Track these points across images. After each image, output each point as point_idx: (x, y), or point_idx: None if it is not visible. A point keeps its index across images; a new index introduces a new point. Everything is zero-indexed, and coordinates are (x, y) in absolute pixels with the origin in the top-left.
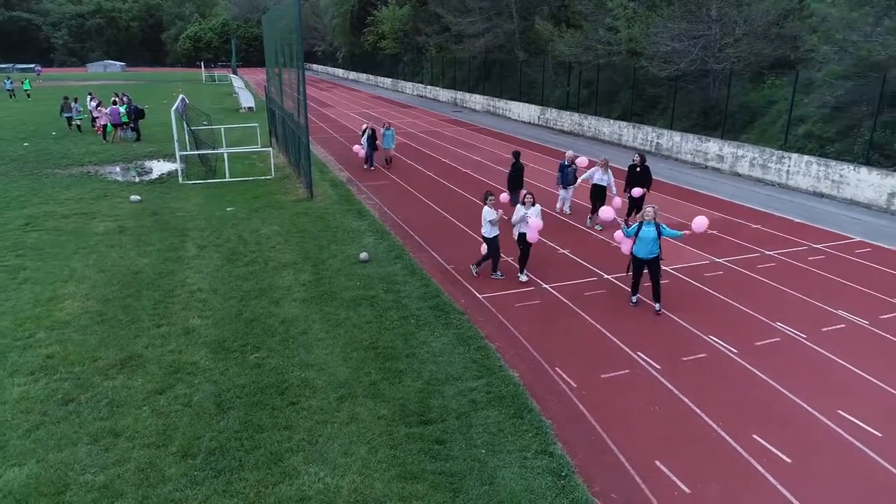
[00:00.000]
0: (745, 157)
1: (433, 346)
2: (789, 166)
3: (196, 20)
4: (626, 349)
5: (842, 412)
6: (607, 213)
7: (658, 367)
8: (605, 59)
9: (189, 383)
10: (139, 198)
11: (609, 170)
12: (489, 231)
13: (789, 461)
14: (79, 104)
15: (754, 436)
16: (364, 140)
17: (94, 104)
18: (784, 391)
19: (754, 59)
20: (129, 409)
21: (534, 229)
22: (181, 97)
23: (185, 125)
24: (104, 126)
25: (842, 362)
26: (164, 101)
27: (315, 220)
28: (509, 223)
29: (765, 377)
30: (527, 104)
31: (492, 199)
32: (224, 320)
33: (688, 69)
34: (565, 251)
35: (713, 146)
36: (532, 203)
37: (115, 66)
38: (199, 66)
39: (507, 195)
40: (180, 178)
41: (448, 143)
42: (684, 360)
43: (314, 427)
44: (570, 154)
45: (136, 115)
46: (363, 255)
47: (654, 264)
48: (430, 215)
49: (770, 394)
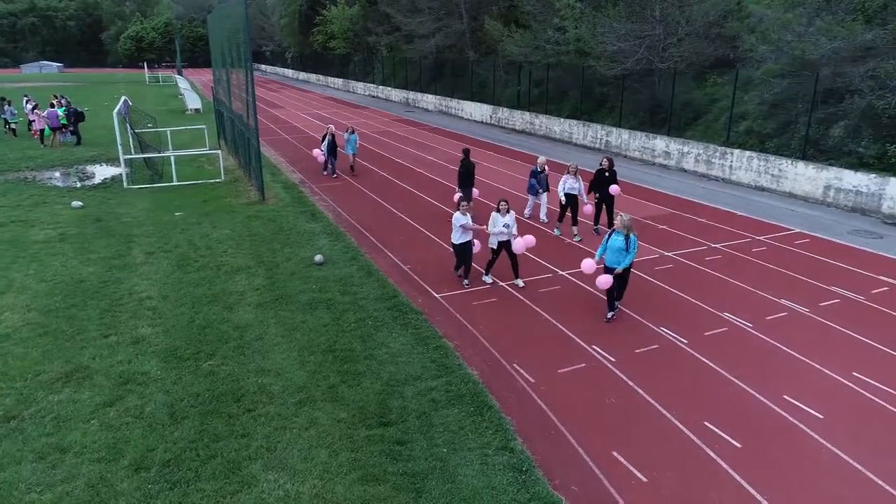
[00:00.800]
0: (690, 153)
1: (392, 346)
2: (732, 162)
3: (137, 19)
4: (582, 343)
5: (786, 397)
6: (588, 266)
7: (613, 359)
8: (554, 59)
9: (140, 394)
10: (81, 204)
11: (579, 176)
12: (458, 237)
13: (739, 446)
14: (13, 107)
15: (706, 423)
16: (324, 146)
17: (30, 107)
18: (733, 379)
19: (697, 59)
20: (77, 423)
21: (525, 245)
22: (124, 99)
23: (128, 128)
24: (41, 130)
25: (785, 349)
26: (106, 104)
27: (267, 223)
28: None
29: (714, 366)
30: (479, 104)
31: (464, 204)
32: (175, 328)
33: (634, 68)
34: None
35: (660, 143)
36: (507, 210)
37: (52, 66)
38: (142, 67)
39: (458, 195)
40: (125, 183)
41: (401, 144)
42: (637, 352)
43: (272, 433)
44: (543, 160)
45: (75, 117)
46: (318, 258)
47: (622, 275)
48: (385, 216)
49: (720, 382)
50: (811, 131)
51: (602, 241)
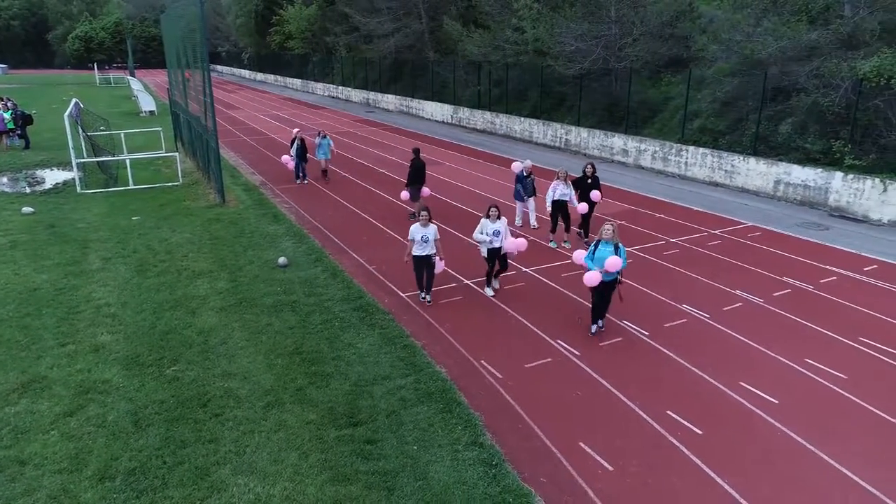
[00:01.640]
0: (647, 150)
1: (359, 347)
2: (687, 158)
3: (86, 19)
4: (547, 338)
5: (743, 383)
6: (594, 278)
7: (578, 353)
8: (513, 59)
9: (102, 403)
10: (32, 210)
11: (569, 181)
12: (420, 249)
13: (700, 432)
14: None
15: (668, 412)
16: (293, 151)
17: None
18: (692, 368)
19: (652, 58)
20: (36, 434)
21: (516, 247)
22: (74, 101)
23: (80, 131)
24: None
25: (741, 338)
26: (55, 106)
27: (229, 225)
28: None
29: (675, 356)
30: (440, 104)
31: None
32: (136, 334)
33: (591, 68)
34: None
35: (618, 141)
36: (498, 216)
37: None
38: (93, 68)
39: (406, 192)
40: (78, 188)
41: (362, 144)
42: (601, 345)
43: (241, 437)
44: (528, 164)
45: (23, 121)
46: (281, 260)
47: (609, 288)
48: (348, 217)
49: (680, 372)
50: (761, 128)
51: (588, 252)
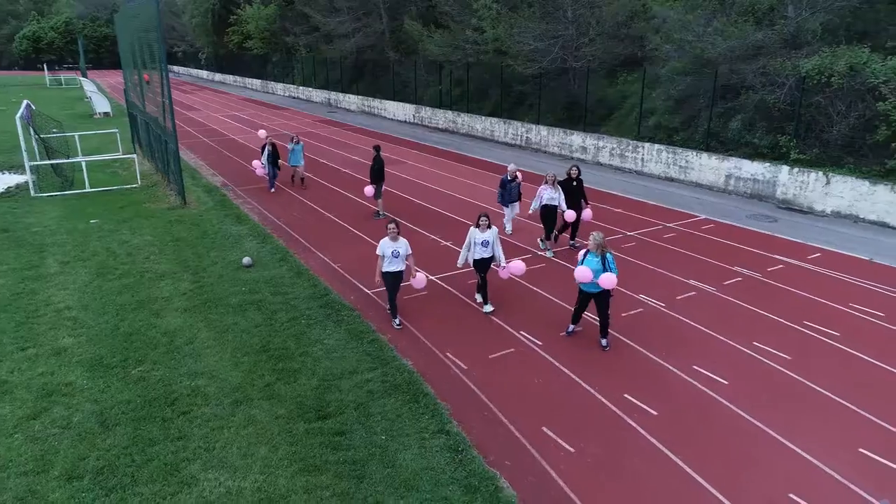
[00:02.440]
0: (605, 147)
1: (326, 343)
2: (643, 155)
3: (34, 18)
4: (511, 330)
5: (696, 367)
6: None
7: (540, 343)
8: (473, 59)
9: (66, 405)
10: None
11: (557, 185)
12: (391, 264)
13: (656, 414)
14: None
15: (625, 395)
16: (265, 157)
17: None
18: (648, 354)
19: (608, 58)
20: None
21: (514, 271)
22: (25, 102)
23: (32, 133)
24: None
25: (694, 324)
26: (4, 108)
27: (190, 227)
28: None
29: (632, 343)
30: (401, 103)
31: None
32: (99, 337)
33: (550, 67)
34: (448, 243)
35: (577, 139)
36: (488, 226)
37: None
38: (42, 69)
39: (370, 188)
40: (32, 191)
41: (325, 144)
42: (562, 335)
43: (210, 434)
44: (513, 168)
45: None
46: (246, 260)
47: (602, 299)
48: (311, 216)
49: (637, 357)
50: (712, 125)
51: (577, 262)
